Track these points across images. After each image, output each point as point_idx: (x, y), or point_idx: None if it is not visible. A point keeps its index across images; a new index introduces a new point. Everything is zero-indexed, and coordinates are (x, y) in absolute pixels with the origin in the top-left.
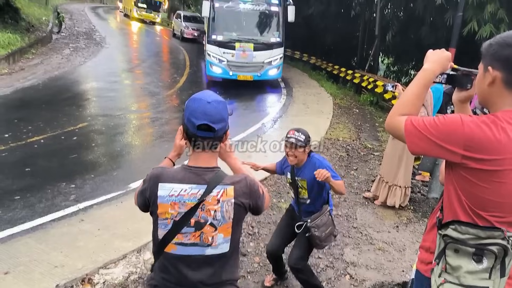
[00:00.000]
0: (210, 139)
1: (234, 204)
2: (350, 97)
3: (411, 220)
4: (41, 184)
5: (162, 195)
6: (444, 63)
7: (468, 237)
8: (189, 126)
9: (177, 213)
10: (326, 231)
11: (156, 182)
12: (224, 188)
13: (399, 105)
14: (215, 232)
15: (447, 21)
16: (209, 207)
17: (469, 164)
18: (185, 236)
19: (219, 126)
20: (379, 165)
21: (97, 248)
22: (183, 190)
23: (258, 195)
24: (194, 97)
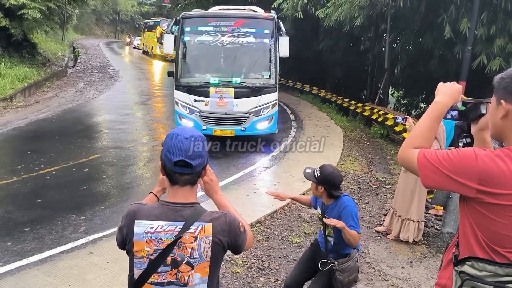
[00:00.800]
0: (188, 175)
1: (212, 242)
2: (360, 130)
3: (425, 256)
4: (51, 216)
5: (138, 232)
6: (456, 95)
7: (486, 274)
8: (166, 162)
9: (153, 250)
10: (350, 277)
11: (132, 219)
12: (202, 225)
13: (412, 138)
14: (192, 272)
15: (456, 55)
16: (186, 244)
17: (484, 198)
18: (161, 275)
19: (197, 162)
20: (391, 198)
21: (106, 282)
22: (160, 227)
23: (238, 233)
24: (172, 132)
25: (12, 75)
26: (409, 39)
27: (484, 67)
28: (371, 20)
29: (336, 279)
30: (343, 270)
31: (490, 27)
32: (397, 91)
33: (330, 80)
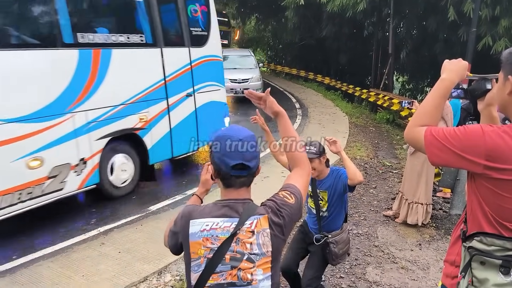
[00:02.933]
0: (244, 177)
1: (270, 234)
2: (366, 116)
3: (434, 238)
4: (61, 209)
5: (194, 232)
6: (461, 72)
7: (494, 248)
8: (222, 166)
9: (210, 249)
10: (343, 249)
11: (187, 220)
12: (257, 218)
13: (418, 115)
14: (254, 268)
15: (461, 37)
16: (244, 240)
17: (491, 174)
18: (221, 275)
19: (253, 164)
20: (398, 182)
21: (118, 271)
22: (215, 224)
23: (288, 205)
24: (223, 134)
25: None
26: (413, 23)
27: (489, 48)
28: (374, 5)
29: (330, 251)
30: (337, 242)
31: (495, 7)
32: (402, 76)
33: (334, 67)
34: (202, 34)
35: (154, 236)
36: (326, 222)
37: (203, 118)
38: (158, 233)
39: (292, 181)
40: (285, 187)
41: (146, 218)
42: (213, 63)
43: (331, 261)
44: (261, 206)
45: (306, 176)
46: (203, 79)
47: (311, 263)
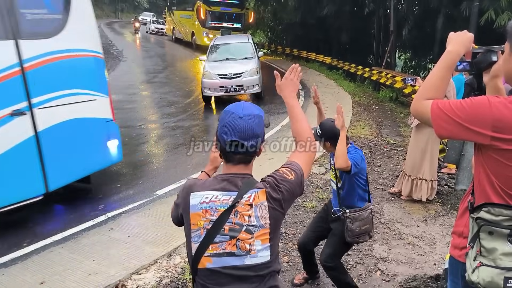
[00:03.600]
0: (241, 154)
1: (268, 207)
2: (369, 95)
3: (439, 213)
4: (69, 196)
5: (194, 204)
6: (467, 44)
7: (502, 218)
8: (220, 141)
9: (209, 221)
10: (362, 227)
11: (188, 192)
12: (255, 191)
13: (424, 89)
14: (252, 239)
15: (464, 12)
16: (242, 212)
17: (498, 145)
18: (220, 245)
19: (250, 143)
20: (402, 160)
21: (128, 255)
22: (215, 197)
23: (288, 180)
24: (228, 109)
25: None
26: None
27: (492, 22)
28: None
29: (347, 227)
30: (354, 218)
31: None
32: (404, 53)
33: (335, 46)
34: (50, 19)
35: (162, 220)
36: (344, 198)
37: (57, 146)
38: (165, 217)
39: (294, 158)
40: (287, 164)
41: (153, 203)
42: (80, 62)
43: (347, 237)
44: (260, 182)
45: (310, 154)
46: (55, 87)
47: (330, 241)
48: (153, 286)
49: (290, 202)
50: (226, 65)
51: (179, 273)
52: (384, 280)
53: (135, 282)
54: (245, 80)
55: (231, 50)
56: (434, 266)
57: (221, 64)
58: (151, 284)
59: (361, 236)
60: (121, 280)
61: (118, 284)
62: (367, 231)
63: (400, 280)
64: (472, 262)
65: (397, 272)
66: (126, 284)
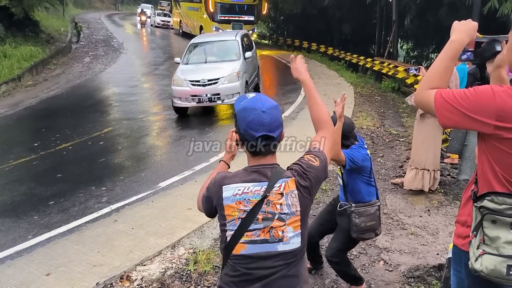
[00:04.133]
0: (269, 146)
1: (298, 195)
2: (371, 85)
3: (442, 204)
4: (73, 189)
5: (227, 196)
6: (471, 33)
7: (506, 207)
8: (248, 137)
9: (243, 211)
10: (367, 224)
11: (220, 186)
12: (285, 181)
13: (427, 78)
14: (284, 226)
15: (466, 1)
16: (274, 201)
17: (502, 134)
18: (254, 233)
19: (277, 133)
20: (405, 150)
21: (133, 246)
22: (247, 188)
23: (314, 167)
24: (247, 105)
25: (18, 54)
26: None
27: (495, 11)
28: None
29: (352, 222)
30: (359, 213)
31: None
32: (407, 43)
33: (337, 37)
34: None
35: (165, 211)
36: (350, 192)
37: None
38: (169, 208)
39: (317, 143)
40: (310, 150)
41: (156, 195)
42: None
43: (352, 233)
44: (288, 170)
45: (330, 138)
46: None
47: (336, 236)
48: (158, 277)
49: (317, 187)
50: (201, 68)
51: (183, 264)
52: (387, 270)
53: (139, 273)
54: (222, 87)
55: (213, 50)
56: (437, 256)
57: (196, 67)
58: (155, 275)
59: (366, 232)
60: (125, 271)
61: (123, 275)
62: (372, 228)
63: (403, 270)
64: (475, 250)
65: (400, 262)
66: (131, 275)
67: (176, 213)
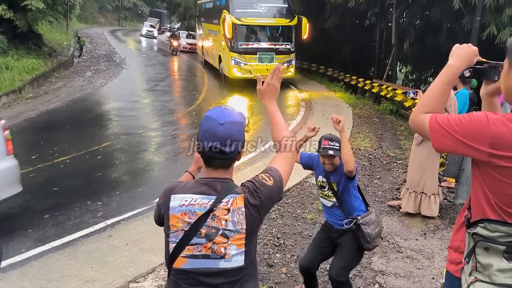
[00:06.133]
0: (222, 160)
1: (245, 213)
2: (370, 107)
3: (438, 227)
4: (69, 203)
5: (173, 206)
6: (470, 58)
7: (498, 234)
8: (200, 146)
9: (187, 223)
10: (376, 230)
11: (169, 194)
12: (234, 197)
13: (423, 102)
14: (227, 243)
15: (465, 26)
16: (219, 217)
17: (496, 162)
18: (196, 247)
19: (230, 149)
20: (402, 173)
21: (126, 263)
22: (194, 200)
23: (266, 186)
24: (208, 115)
25: (19, 67)
26: (416, 12)
27: (494, 37)
28: None
29: (363, 233)
30: (367, 222)
31: None
32: (405, 66)
33: (337, 58)
34: None
35: (161, 228)
36: (348, 208)
37: None
38: None
39: (274, 164)
40: (266, 169)
41: (152, 211)
42: None
43: (365, 244)
44: (239, 186)
45: (290, 160)
46: None
47: (341, 254)
48: None
49: (268, 208)
50: None
51: None
52: None
53: None
54: None
55: None
56: (432, 280)
57: None
58: None
59: (376, 239)
60: None
61: None
62: (379, 233)
63: None
64: (468, 277)
65: (395, 286)
66: None
67: None
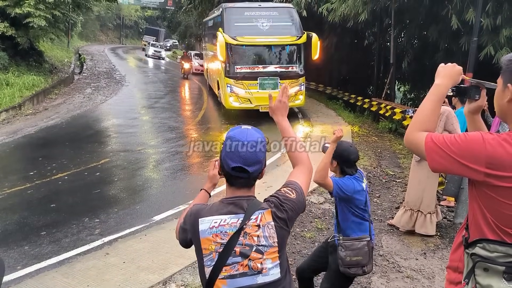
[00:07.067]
0: (244, 179)
1: (275, 226)
2: (368, 125)
3: (438, 247)
4: (66, 220)
5: (203, 229)
6: (455, 77)
7: (497, 255)
8: (224, 166)
9: (220, 244)
10: (353, 258)
11: (196, 218)
12: (261, 212)
13: (416, 121)
14: (263, 258)
15: (462, 47)
16: (251, 234)
17: (492, 182)
18: (233, 267)
19: (254, 168)
20: (402, 191)
21: (123, 281)
22: (223, 221)
23: (290, 200)
24: (232, 135)
25: (20, 83)
26: (414, 32)
27: (491, 57)
28: (375, 15)
29: (338, 254)
30: (345, 246)
31: (496, 17)
32: (404, 85)
33: (335, 77)
34: None
35: (159, 246)
36: (340, 225)
37: None
38: (162, 243)
39: (293, 177)
40: (287, 183)
41: (150, 228)
42: None
43: (340, 266)
44: (264, 202)
45: (307, 173)
46: None
47: (328, 274)
48: None
49: (294, 220)
50: None
51: None
52: None
53: None
54: None
55: None
56: None
57: None
58: None
59: (352, 267)
60: None
61: None
62: (359, 264)
63: None
64: None
65: None
66: None
67: (169, 248)
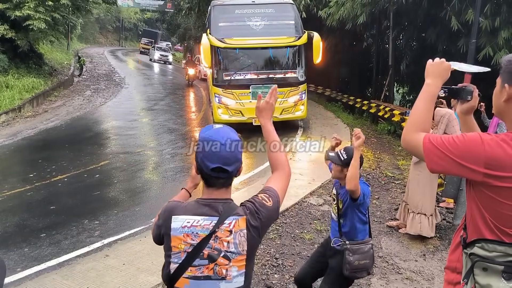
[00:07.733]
0: (224, 179)
1: (247, 234)
2: (367, 127)
3: (438, 248)
4: (66, 221)
5: (175, 227)
6: (444, 75)
7: (496, 254)
8: (203, 167)
9: (190, 244)
10: (361, 262)
11: (169, 215)
12: (236, 219)
13: (413, 122)
14: (229, 265)
15: (461, 48)
16: (222, 238)
17: (491, 182)
18: (198, 269)
19: (233, 168)
20: (401, 193)
21: (123, 283)
22: (196, 221)
23: (266, 207)
24: (207, 136)
25: (20, 86)
26: (413, 34)
27: (490, 59)
28: (373, 17)
29: (345, 259)
30: (353, 251)
31: (494, 19)
32: (402, 87)
33: (334, 79)
34: None
35: (158, 248)
36: (345, 230)
37: None
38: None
39: (271, 183)
40: (264, 190)
41: (149, 230)
42: None
43: (344, 270)
44: (240, 207)
45: (286, 179)
46: None
47: (327, 278)
48: None
49: (267, 228)
50: None
51: None
52: None
53: None
54: None
55: None
56: None
57: None
58: None
59: (358, 271)
60: None
61: None
62: (365, 267)
63: None
64: None
65: None
66: None
67: None
